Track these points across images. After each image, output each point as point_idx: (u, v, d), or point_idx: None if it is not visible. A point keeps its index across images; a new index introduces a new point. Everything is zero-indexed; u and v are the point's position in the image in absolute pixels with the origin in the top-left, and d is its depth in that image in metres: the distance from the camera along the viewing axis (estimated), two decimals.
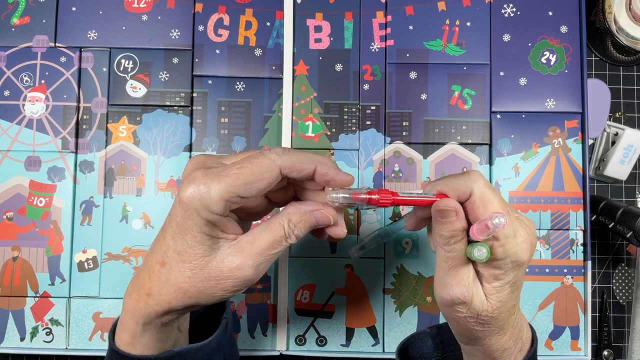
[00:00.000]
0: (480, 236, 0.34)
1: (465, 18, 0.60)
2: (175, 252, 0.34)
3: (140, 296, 0.36)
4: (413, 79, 0.60)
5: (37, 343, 0.57)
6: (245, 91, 0.60)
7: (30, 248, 0.58)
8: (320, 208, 0.36)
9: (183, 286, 0.34)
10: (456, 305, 0.36)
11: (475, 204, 0.35)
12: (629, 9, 0.61)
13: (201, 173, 0.33)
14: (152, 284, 0.35)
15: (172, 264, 0.34)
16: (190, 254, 0.34)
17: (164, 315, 0.36)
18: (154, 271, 0.35)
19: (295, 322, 0.58)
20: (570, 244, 0.58)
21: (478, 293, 0.36)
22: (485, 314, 0.36)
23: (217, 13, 0.60)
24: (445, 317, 0.39)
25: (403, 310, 0.58)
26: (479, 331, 0.37)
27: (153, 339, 0.37)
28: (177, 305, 0.35)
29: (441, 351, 0.47)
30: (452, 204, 0.35)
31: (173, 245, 0.34)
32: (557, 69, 0.60)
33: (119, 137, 0.59)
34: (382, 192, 0.37)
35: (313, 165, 0.36)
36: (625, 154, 0.62)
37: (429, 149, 0.59)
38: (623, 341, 0.63)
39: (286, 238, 0.36)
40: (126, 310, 0.37)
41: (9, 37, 0.60)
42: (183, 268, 0.34)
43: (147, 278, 0.36)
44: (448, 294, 0.36)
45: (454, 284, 0.36)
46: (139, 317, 0.36)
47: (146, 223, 0.58)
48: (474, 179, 0.36)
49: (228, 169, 0.34)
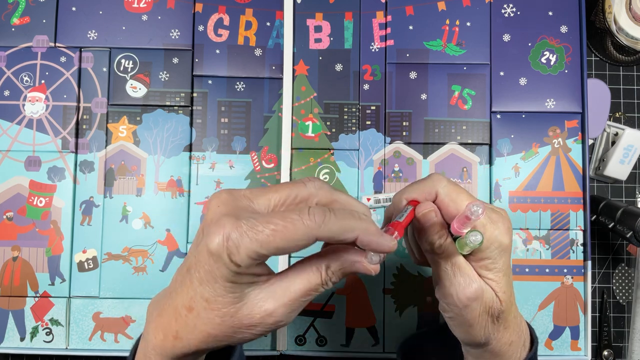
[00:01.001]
0: (462, 229, 0.36)
1: (465, 18, 0.60)
2: (203, 299, 0.32)
3: (166, 337, 0.34)
4: (413, 79, 0.60)
5: (37, 343, 0.57)
6: (245, 91, 0.60)
7: (30, 248, 0.58)
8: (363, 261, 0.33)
9: (212, 332, 0.33)
10: (472, 303, 0.36)
11: (444, 202, 0.37)
12: (629, 9, 0.61)
13: (232, 224, 0.30)
14: (179, 327, 0.33)
15: (200, 311, 0.32)
16: (220, 302, 0.32)
17: (190, 355, 0.34)
18: (180, 315, 0.33)
19: (295, 322, 0.58)
20: (570, 244, 0.58)
21: (486, 287, 0.37)
22: (496, 306, 0.37)
23: (217, 13, 0.60)
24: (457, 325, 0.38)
25: (403, 310, 0.58)
26: (491, 328, 0.37)
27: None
28: (205, 348, 0.34)
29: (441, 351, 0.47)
30: (428, 205, 0.37)
31: (201, 292, 0.32)
32: (557, 69, 0.60)
33: (119, 137, 0.59)
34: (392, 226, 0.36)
35: (354, 235, 0.32)
36: (625, 154, 0.62)
37: (429, 149, 0.59)
38: (623, 341, 0.63)
39: (322, 285, 0.33)
40: (151, 345, 0.35)
41: (9, 37, 0.60)
42: (212, 315, 0.32)
43: (173, 320, 0.33)
44: (464, 294, 0.36)
45: (464, 282, 0.36)
46: (165, 356, 0.34)
47: (146, 223, 0.58)
48: (436, 180, 0.38)
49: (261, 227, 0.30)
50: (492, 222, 0.37)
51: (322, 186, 0.33)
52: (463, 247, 0.36)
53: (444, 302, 0.38)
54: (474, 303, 0.36)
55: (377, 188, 0.59)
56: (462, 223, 0.35)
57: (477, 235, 0.35)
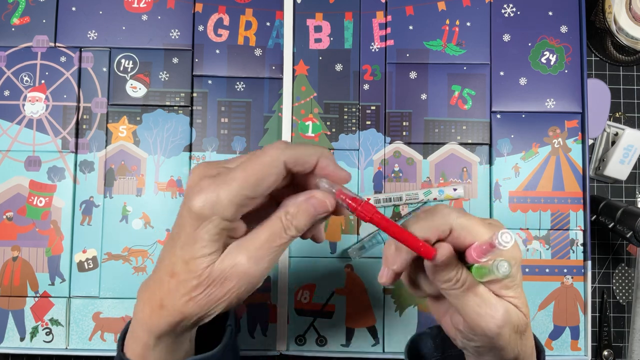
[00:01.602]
0: (482, 258, 0.33)
1: (465, 18, 0.60)
2: (183, 262, 0.34)
3: (153, 309, 0.35)
4: (413, 79, 0.60)
5: (37, 343, 0.57)
6: (245, 91, 0.60)
7: (30, 248, 0.58)
8: (315, 195, 0.35)
9: (193, 295, 0.34)
10: (503, 329, 0.35)
11: (461, 237, 0.35)
12: (629, 9, 0.61)
13: (208, 181, 0.33)
14: (162, 294, 0.35)
15: (181, 274, 0.34)
16: (198, 263, 0.34)
17: (176, 327, 0.35)
18: (163, 282, 0.35)
19: (295, 322, 0.58)
20: (570, 244, 0.58)
21: (510, 307, 0.35)
22: (523, 322, 0.36)
23: (217, 13, 0.60)
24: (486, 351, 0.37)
25: (403, 310, 0.58)
26: (520, 343, 0.36)
27: (164, 351, 0.37)
28: (189, 315, 0.35)
29: (441, 351, 0.47)
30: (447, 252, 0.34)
31: (181, 255, 0.34)
32: (557, 69, 0.60)
33: (119, 137, 0.59)
34: (366, 204, 0.35)
35: (316, 157, 0.35)
36: (625, 154, 0.62)
37: (429, 149, 0.59)
38: (623, 341, 0.63)
39: (285, 230, 0.35)
40: (139, 322, 0.36)
41: (9, 37, 0.60)
42: (190, 277, 0.34)
43: (157, 289, 0.35)
44: (494, 324, 0.34)
45: (491, 311, 0.35)
46: (152, 331, 0.35)
47: (146, 223, 0.58)
48: (447, 215, 0.35)
49: (233, 173, 0.33)
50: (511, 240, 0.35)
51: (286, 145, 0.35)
52: (483, 276, 0.34)
53: (471, 334, 0.36)
54: (504, 329, 0.35)
55: (377, 188, 0.59)
56: (483, 252, 0.33)
57: (505, 264, 0.32)
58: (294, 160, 0.34)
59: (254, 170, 0.33)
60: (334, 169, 0.36)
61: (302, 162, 0.35)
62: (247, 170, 0.33)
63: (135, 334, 0.37)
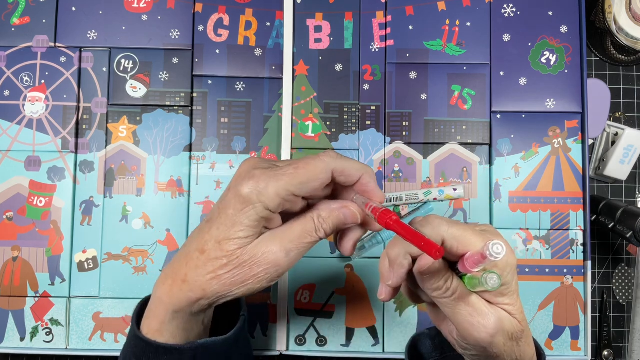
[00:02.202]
0: (474, 269, 0.33)
1: (465, 18, 0.60)
2: (216, 241, 0.36)
3: (175, 282, 0.37)
4: (413, 79, 0.60)
5: (37, 343, 0.57)
6: (245, 91, 0.60)
7: (30, 248, 0.58)
8: (348, 206, 0.38)
9: (219, 272, 0.36)
10: (495, 338, 0.35)
11: (454, 247, 0.35)
12: (629, 9, 0.61)
13: (260, 171, 0.36)
14: (188, 270, 0.37)
15: (211, 252, 0.36)
16: (231, 244, 0.36)
17: (194, 304, 0.37)
18: (192, 258, 0.37)
19: (295, 322, 0.58)
20: (570, 244, 0.58)
21: (502, 314, 0.35)
22: (517, 329, 0.36)
23: (217, 13, 0.60)
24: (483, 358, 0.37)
25: (403, 310, 0.58)
26: (517, 350, 0.36)
27: (180, 328, 0.38)
28: (209, 292, 0.36)
29: (440, 352, 0.47)
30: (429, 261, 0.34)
31: (216, 235, 0.36)
32: (557, 69, 0.60)
33: (119, 137, 0.59)
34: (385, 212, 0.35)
35: (360, 173, 0.38)
36: (625, 154, 0.62)
37: (429, 149, 0.59)
38: (623, 341, 0.63)
39: (316, 231, 0.38)
40: (158, 296, 0.38)
41: (9, 37, 0.60)
42: (220, 255, 0.36)
43: (184, 264, 0.37)
44: (485, 332, 0.34)
45: (483, 321, 0.35)
46: (171, 304, 0.37)
47: (146, 223, 0.58)
48: (437, 225, 0.35)
49: (285, 169, 0.36)
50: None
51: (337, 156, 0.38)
52: (474, 286, 0.34)
53: (464, 343, 0.37)
54: (496, 337, 0.35)
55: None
56: (475, 263, 0.33)
57: (495, 278, 0.32)
58: (341, 171, 0.37)
59: (304, 171, 0.36)
60: (374, 188, 0.39)
61: (348, 174, 0.38)
62: (299, 170, 0.36)
63: (152, 310, 0.38)
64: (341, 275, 0.58)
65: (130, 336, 0.40)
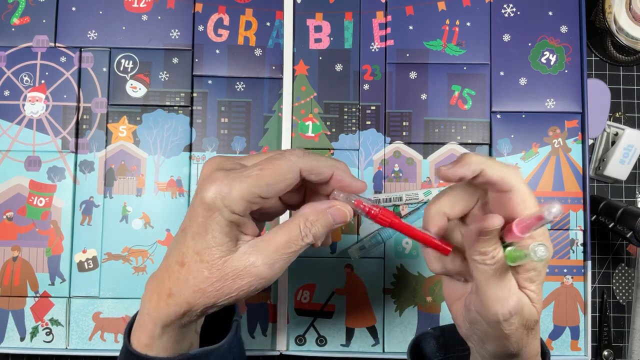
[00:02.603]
0: (525, 233, 0.33)
1: (465, 18, 0.60)
2: (194, 252, 0.35)
3: (160, 297, 0.36)
4: (413, 79, 0.60)
5: (37, 343, 0.57)
6: (245, 91, 0.60)
7: (30, 248, 0.58)
8: (335, 205, 0.37)
9: (202, 286, 0.35)
10: (511, 318, 0.35)
11: (515, 201, 0.34)
12: (629, 9, 0.61)
13: (222, 174, 0.34)
14: (171, 284, 0.35)
15: (191, 264, 0.35)
16: (209, 254, 0.34)
17: (183, 317, 0.36)
18: (173, 271, 0.35)
19: (295, 322, 0.58)
20: (570, 244, 0.58)
21: (524, 299, 0.35)
22: (533, 318, 0.35)
23: (217, 13, 0.60)
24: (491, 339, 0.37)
25: (403, 310, 0.58)
26: (525, 339, 0.36)
27: (170, 341, 0.37)
28: (196, 306, 0.35)
29: (444, 352, 0.47)
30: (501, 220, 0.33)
31: (193, 246, 0.35)
32: (557, 69, 0.60)
33: (119, 137, 0.59)
34: (385, 211, 0.37)
35: (331, 170, 0.36)
36: (625, 154, 0.62)
37: (429, 149, 0.59)
38: (623, 341, 0.63)
39: (302, 237, 0.36)
40: (146, 312, 0.37)
41: (9, 37, 0.60)
42: (201, 268, 0.34)
43: (166, 278, 0.36)
44: (506, 309, 0.34)
45: (506, 296, 0.34)
46: (159, 319, 0.36)
47: (146, 223, 0.58)
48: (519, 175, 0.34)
49: (250, 170, 0.34)
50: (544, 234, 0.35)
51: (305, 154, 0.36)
52: (515, 259, 0.34)
53: (480, 315, 0.36)
54: (514, 317, 0.35)
55: (377, 188, 0.59)
56: (528, 227, 0.32)
57: (542, 248, 0.31)
58: (309, 169, 0.35)
59: (269, 172, 0.34)
60: (350, 181, 0.37)
61: (318, 173, 0.36)
62: (264, 170, 0.34)
63: (141, 324, 0.37)
64: (341, 275, 0.58)
65: (122, 350, 0.39)
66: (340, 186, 0.37)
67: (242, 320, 0.58)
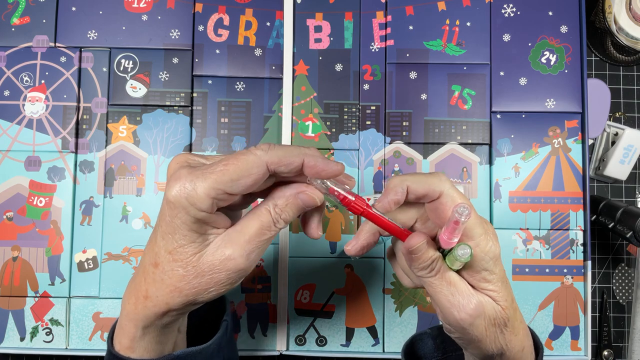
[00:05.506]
0: (453, 238, 0.34)
1: (465, 18, 0.60)
2: (166, 252, 0.34)
3: (138, 299, 0.36)
4: (413, 79, 0.60)
5: (37, 343, 0.57)
6: (245, 91, 0.60)
7: (30, 248, 0.58)
8: (305, 190, 0.36)
9: (178, 285, 0.34)
10: (475, 320, 0.35)
11: (447, 205, 0.35)
12: (629, 9, 0.61)
13: (186, 171, 0.33)
14: (147, 285, 0.35)
15: (165, 264, 0.34)
16: (181, 253, 0.34)
17: (163, 317, 0.36)
18: (148, 273, 0.35)
19: (295, 322, 0.58)
20: (570, 244, 0.58)
21: (485, 299, 0.36)
22: (500, 316, 0.36)
23: (217, 13, 0.60)
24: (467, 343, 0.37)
25: (403, 310, 0.58)
26: (501, 338, 0.37)
27: (153, 342, 0.37)
28: (175, 305, 0.35)
29: (442, 351, 0.47)
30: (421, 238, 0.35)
31: (164, 246, 0.34)
32: (557, 69, 0.60)
33: (119, 137, 0.59)
34: (359, 199, 0.36)
35: (300, 158, 0.35)
36: (625, 154, 0.62)
37: (429, 149, 0.59)
38: (623, 341, 0.63)
39: (274, 223, 0.35)
40: (125, 314, 0.36)
41: (9, 37, 0.60)
42: (175, 267, 0.34)
43: (142, 280, 0.36)
44: (464, 313, 0.35)
45: (463, 301, 0.35)
46: (139, 321, 0.36)
47: (146, 223, 0.58)
48: (443, 180, 0.36)
49: (214, 166, 0.33)
50: (485, 233, 0.36)
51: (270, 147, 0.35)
52: (453, 263, 0.35)
53: (446, 324, 0.37)
54: (477, 320, 0.35)
55: (377, 188, 0.59)
56: (451, 231, 0.34)
57: (466, 248, 0.34)
58: (277, 161, 0.34)
59: (234, 167, 0.33)
60: (324, 165, 0.35)
61: (286, 163, 0.34)
62: (228, 166, 0.33)
63: (122, 327, 0.37)
64: (341, 275, 0.58)
65: (106, 354, 0.39)
66: (315, 172, 0.35)
67: (242, 321, 0.58)
